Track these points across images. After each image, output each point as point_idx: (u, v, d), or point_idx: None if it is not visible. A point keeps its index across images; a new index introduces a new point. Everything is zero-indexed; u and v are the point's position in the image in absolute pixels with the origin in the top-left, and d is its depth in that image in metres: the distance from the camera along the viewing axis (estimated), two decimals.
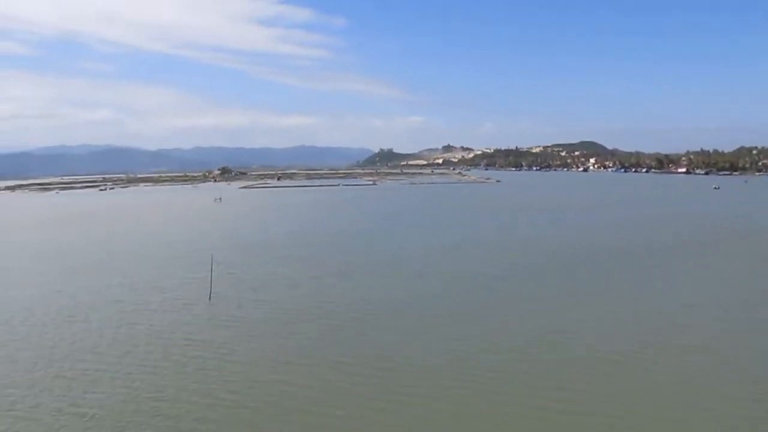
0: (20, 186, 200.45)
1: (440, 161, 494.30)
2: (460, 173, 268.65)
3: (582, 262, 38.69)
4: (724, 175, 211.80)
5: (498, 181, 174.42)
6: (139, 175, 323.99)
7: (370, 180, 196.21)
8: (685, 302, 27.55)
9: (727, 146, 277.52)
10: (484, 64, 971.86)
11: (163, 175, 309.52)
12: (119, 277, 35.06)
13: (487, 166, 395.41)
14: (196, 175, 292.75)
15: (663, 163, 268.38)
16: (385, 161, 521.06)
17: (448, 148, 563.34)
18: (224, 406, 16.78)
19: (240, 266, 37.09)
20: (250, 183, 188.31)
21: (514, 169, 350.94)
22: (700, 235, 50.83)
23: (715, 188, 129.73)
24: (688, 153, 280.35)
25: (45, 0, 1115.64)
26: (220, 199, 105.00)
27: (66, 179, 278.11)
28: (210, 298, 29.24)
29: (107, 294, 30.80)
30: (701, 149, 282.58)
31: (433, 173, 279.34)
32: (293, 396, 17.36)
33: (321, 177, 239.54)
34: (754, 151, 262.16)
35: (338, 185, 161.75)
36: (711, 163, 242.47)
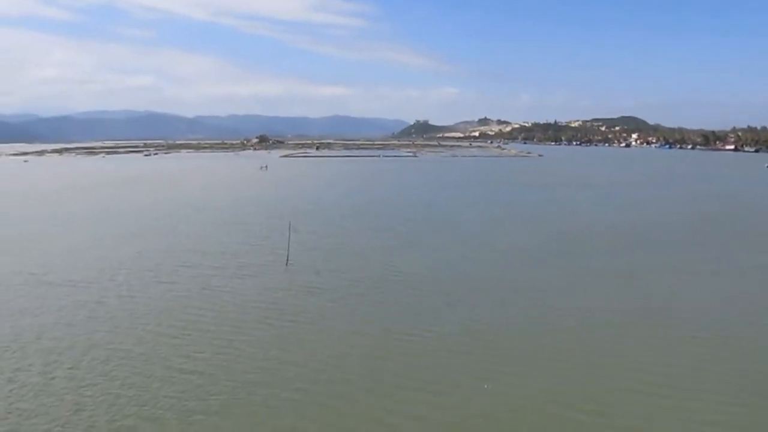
0: (66, 149, 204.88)
1: (476, 134, 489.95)
2: (499, 147, 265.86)
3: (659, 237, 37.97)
4: None
5: (540, 155, 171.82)
6: (178, 142, 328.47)
7: (409, 152, 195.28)
8: None
9: None
10: (521, 35, 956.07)
11: (202, 142, 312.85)
12: (188, 242, 35.52)
13: (525, 140, 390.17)
14: (234, 142, 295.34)
15: (709, 139, 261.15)
16: (421, 133, 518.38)
17: (484, 121, 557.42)
18: (326, 374, 16.67)
19: (304, 234, 37.23)
20: (290, 152, 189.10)
21: (553, 143, 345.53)
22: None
23: (767, 167, 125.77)
24: (734, 129, 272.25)
25: None
26: (266, 167, 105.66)
27: (108, 144, 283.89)
28: (287, 263, 29.51)
29: (184, 258, 31.17)
30: (747, 126, 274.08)
31: (471, 146, 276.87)
32: (395, 367, 17.22)
33: (358, 147, 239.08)
34: None
35: (378, 156, 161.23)
36: (761, 140, 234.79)
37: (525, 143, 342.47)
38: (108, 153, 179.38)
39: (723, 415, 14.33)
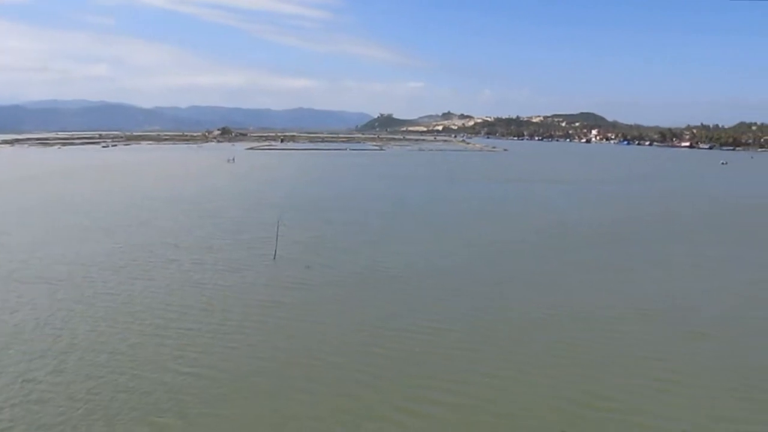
0: (17, 140, 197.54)
1: (440, 128, 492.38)
2: (463, 141, 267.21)
3: (631, 233, 38.19)
4: (728, 150, 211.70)
5: (505, 150, 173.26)
6: (136, 133, 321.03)
7: (375, 145, 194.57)
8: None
9: (726, 121, 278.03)
10: (485, 31, 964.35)
11: (162, 133, 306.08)
12: (164, 236, 34.15)
13: (488, 134, 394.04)
14: (195, 134, 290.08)
15: (666, 136, 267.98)
16: (385, 126, 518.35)
17: (447, 115, 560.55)
18: (324, 370, 16.06)
19: (285, 228, 36.24)
20: (254, 144, 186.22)
21: (515, 138, 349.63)
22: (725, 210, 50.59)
23: (722, 163, 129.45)
24: (689, 127, 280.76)
25: None
26: (233, 159, 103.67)
27: (61, 135, 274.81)
28: (275, 257, 28.58)
29: (161, 253, 29.87)
30: (701, 123, 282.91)
31: (435, 140, 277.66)
32: (395, 363, 16.65)
33: (323, 140, 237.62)
34: (754, 127, 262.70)
35: (345, 149, 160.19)
36: (714, 138, 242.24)
37: (488, 138, 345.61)
38: (63, 144, 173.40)
39: (737, 411, 14.24)
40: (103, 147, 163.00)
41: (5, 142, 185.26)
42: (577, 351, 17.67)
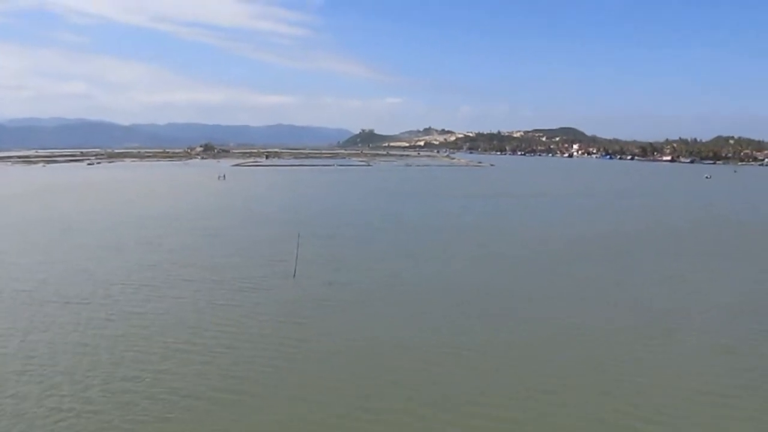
0: None
1: (422, 143, 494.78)
2: (448, 156, 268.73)
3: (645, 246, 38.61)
4: (709, 164, 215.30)
5: (492, 165, 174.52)
6: (117, 150, 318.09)
7: (361, 161, 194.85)
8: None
9: (702, 135, 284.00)
10: (462, 46, 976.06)
11: (143, 150, 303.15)
12: (175, 255, 33.72)
13: (470, 149, 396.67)
14: (177, 151, 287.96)
15: (647, 151, 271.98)
16: (367, 142, 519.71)
17: (428, 131, 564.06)
18: (353, 392, 15.92)
19: (293, 245, 36.11)
20: (241, 161, 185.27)
21: (498, 153, 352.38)
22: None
23: (706, 177, 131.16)
24: (667, 141, 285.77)
25: None
26: (224, 176, 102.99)
27: (42, 152, 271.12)
28: (294, 275, 28.42)
29: (177, 272, 29.48)
30: (680, 138, 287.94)
31: (419, 155, 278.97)
32: (425, 384, 16.52)
33: (308, 156, 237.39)
34: (731, 141, 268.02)
35: (333, 165, 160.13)
36: (694, 152, 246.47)
37: (471, 153, 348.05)
38: (47, 162, 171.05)
39: None
40: (89, 164, 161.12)
41: None
42: (598, 368, 17.67)
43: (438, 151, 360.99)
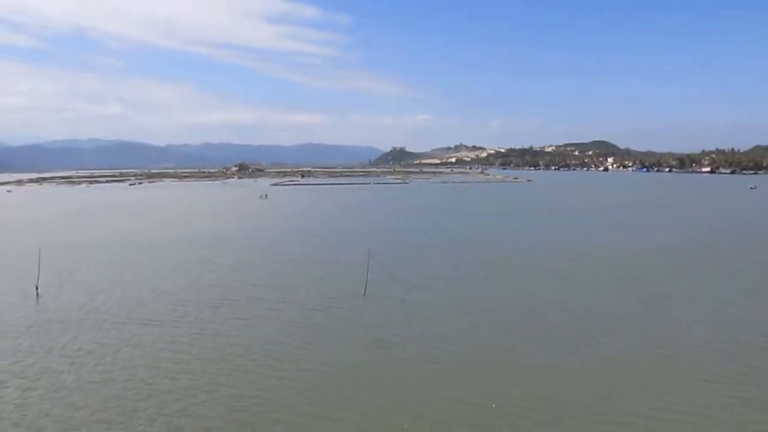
0: (43, 179, 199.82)
1: (453, 160, 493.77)
2: (482, 172, 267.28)
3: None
4: (750, 174, 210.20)
5: (529, 180, 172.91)
6: (154, 171, 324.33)
7: (396, 178, 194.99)
8: None
9: (738, 145, 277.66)
10: (491, 61, 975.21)
11: (179, 170, 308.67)
12: (239, 275, 33.71)
13: (503, 165, 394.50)
14: (213, 171, 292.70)
15: (684, 162, 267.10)
16: (398, 160, 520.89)
17: (459, 147, 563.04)
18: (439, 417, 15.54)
19: (361, 264, 35.92)
20: (277, 180, 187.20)
21: (531, 168, 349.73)
22: None
23: (751, 188, 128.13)
24: (704, 152, 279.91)
25: None
26: (266, 195, 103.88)
27: (82, 173, 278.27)
28: (365, 293, 28.27)
29: (247, 291, 29.44)
30: (716, 148, 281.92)
31: (453, 172, 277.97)
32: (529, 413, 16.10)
33: (342, 175, 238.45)
34: None
35: (369, 183, 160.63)
36: (734, 162, 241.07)
37: (504, 168, 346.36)
38: (90, 183, 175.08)
39: None
40: (130, 185, 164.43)
41: (32, 180, 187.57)
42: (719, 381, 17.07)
43: (470, 168, 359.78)
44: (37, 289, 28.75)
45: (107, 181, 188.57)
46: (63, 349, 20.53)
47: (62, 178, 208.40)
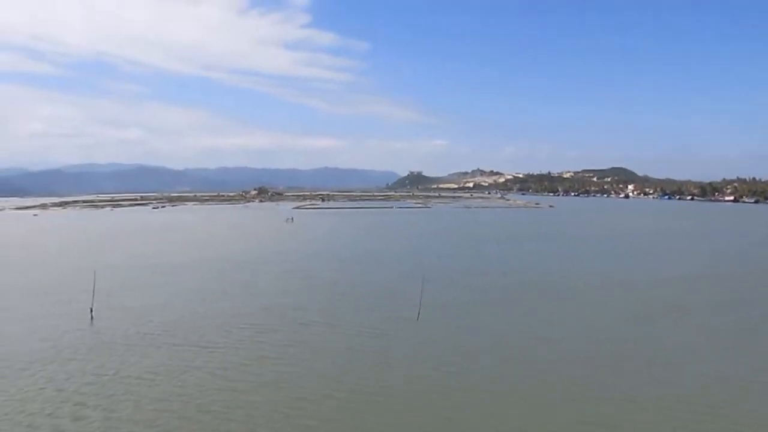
0: (66, 203, 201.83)
1: (471, 185, 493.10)
2: (502, 197, 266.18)
3: None
4: None
5: (551, 206, 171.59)
6: (173, 194, 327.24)
7: (418, 203, 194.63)
8: None
9: (754, 174, 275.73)
10: (505, 88, 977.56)
11: (199, 194, 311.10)
12: (282, 299, 33.28)
13: (521, 190, 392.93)
14: (232, 194, 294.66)
15: (706, 191, 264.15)
16: (415, 184, 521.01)
17: (477, 172, 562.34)
18: None
19: (404, 289, 35.40)
20: (299, 204, 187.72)
21: (551, 194, 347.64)
22: None
23: None
24: (724, 180, 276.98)
25: (76, 22, 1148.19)
26: (292, 219, 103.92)
27: (103, 197, 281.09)
28: (418, 318, 27.74)
29: (294, 316, 29.00)
30: (737, 177, 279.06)
31: (472, 197, 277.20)
32: None
33: (361, 199, 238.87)
34: None
35: (392, 207, 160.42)
36: (757, 191, 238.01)
37: (523, 194, 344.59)
38: (113, 206, 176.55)
39: None
40: (153, 208, 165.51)
41: (55, 204, 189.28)
42: None
43: (488, 192, 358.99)
44: (91, 311, 28.55)
45: (129, 205, 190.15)
46: (121, 372, 20.30)
47: (84, 202, 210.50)
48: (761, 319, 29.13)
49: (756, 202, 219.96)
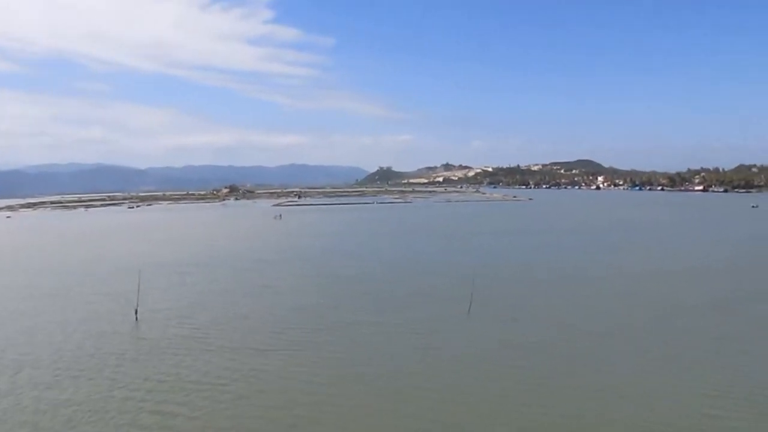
0: (33, 204, 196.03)
1: (440, 179, 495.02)
2: (477, 191, 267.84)
3: None
4: (742, 192, 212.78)
5: (530, 199, 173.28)
6: (142, 193, 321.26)
7: (397, 198, 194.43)
8: None
9: (718, 163, 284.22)
10: (470, 81, 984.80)
11: (169, 193, 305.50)
12: (307, 298, 32.64)
13: (492, 183, 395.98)
14: (203, 193, 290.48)
15: (675, 181, 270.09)
16: (385, 179, 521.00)
17: (447, 166, 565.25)
18: None
19: (446, 285, 34.97)
20: (276, 201, 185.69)
21: (523, 187, 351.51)
22: None
23: (753, 206, 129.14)
24: (689, 170, 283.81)
25: (36, 18, 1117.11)
26: (280, 216, 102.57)
27: (68, 197, 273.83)
28: (469, 311, 27.53)
29: (330, 316, 28.34)
30: (701, 167, 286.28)
31: (447, 191, 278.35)
32: None
33: (336, 195, 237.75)
34: (754, 169, 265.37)
35: (373, 203, 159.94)
36: (725, 181, 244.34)
37: (494, 187, 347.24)
38: (86, 207, 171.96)
39: None
40: (129, 208, 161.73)
41: (23, 206, 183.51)
42: None
43: (461, 186, 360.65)
44: (136, 312, 27.54)
45: (101, 205, 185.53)
46: (172, 375, 19.84)
47: (52, 203, 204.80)
48: None
49: (725, 191, 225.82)
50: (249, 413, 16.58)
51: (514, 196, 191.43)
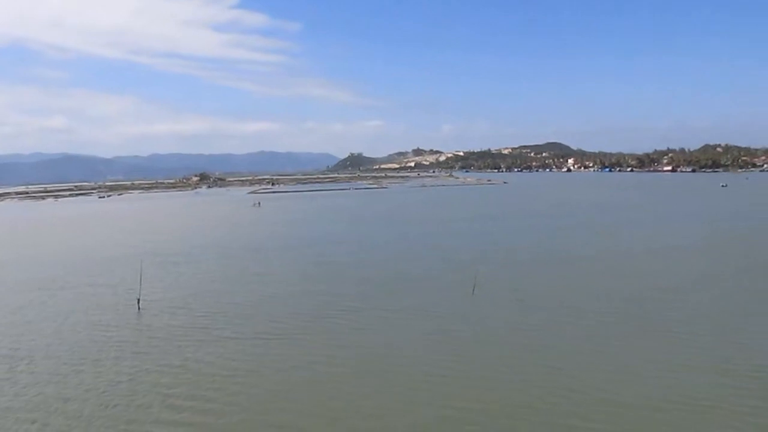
0: (0, 195, 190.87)
1: (412, 164, 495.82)
2: (450, 175, 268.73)
3: None
4: (709, 172, 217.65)
5: (505, 182, 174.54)
6: (109, 183, 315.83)
7: (372, 184, 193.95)
8: None
9: (682, 144, 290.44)
10: (439, 66, 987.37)
11: (137, 183, 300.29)
12: (321, 286, 32.13)
13: (464, 168, 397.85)
14: (172, 181, 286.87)
15: (644, 162, 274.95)
16: (357, 165, 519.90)
17: (418, 151, 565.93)
18: None
19: (446, 268, 34.89)
20: (250, 188, 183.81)
21: (495, 171, 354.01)
22: None
23: (722, 186, 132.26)
24: (656, 151, 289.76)
25: None
26: (259, 203, 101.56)
27: (33, 188, 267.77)
28: (473, 292, 27.88)
29: (340, 303, 27.96)
30: (667, 147, 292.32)
31: (420, 176, 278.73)
32: None
33: (310, 181, 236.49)
34: (719, 149, 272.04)
35: (349, 189, 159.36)
36: (692, 161, 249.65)
37: (466, 171, 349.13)
38: (55, 197, 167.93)
39: None
40: (100, 198, 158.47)
41: None
42: None
43: (434, 171, 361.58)
44: (138, 302, 26.91)
45: (70, 195, 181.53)
46: (174, 363, 19.46)
47: (17, 193, 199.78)
48: None
49: (693, 171, 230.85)
50: (259, 403, 16.30)
51: (489, 180, 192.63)
